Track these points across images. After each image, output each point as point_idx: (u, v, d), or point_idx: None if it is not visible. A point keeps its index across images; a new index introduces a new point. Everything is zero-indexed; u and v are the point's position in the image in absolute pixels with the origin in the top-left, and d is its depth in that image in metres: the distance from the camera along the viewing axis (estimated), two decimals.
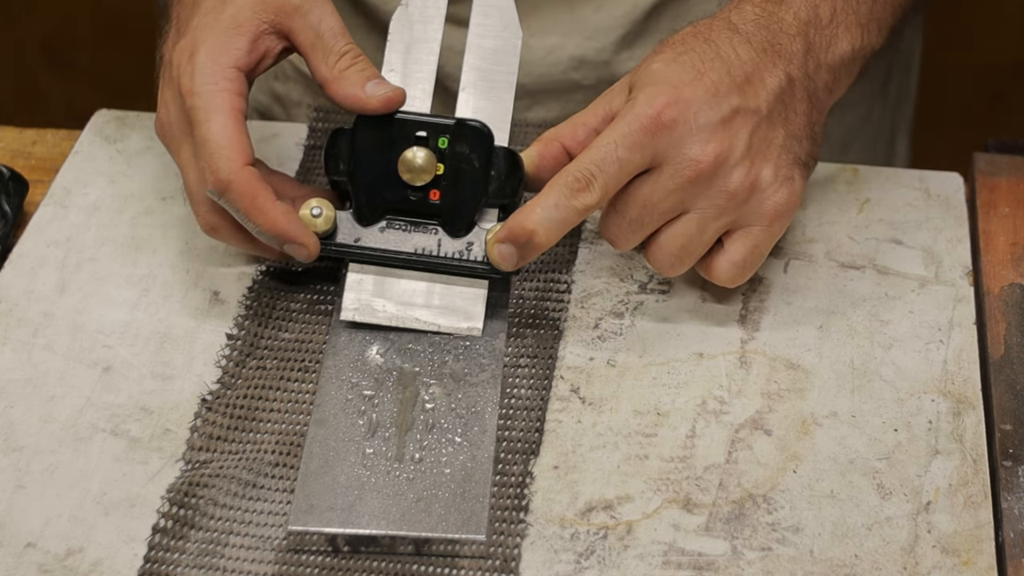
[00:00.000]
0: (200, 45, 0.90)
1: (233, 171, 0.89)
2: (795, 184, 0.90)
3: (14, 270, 0.98)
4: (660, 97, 0.88)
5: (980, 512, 0.85)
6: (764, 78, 0.90)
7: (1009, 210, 1.01)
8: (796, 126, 0.91)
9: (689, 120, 0.88)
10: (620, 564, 0.82)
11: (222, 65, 0.90)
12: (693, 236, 0.90)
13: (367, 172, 0.92)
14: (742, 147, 0.89)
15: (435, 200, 0.92)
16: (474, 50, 0.94)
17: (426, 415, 0.88)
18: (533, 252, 0.90)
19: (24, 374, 0.92)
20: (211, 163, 0.89)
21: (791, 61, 0.91)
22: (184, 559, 0.82)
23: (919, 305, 0.96)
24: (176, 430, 0.89)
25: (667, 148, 0.88)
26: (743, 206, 0.89)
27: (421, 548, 0.83)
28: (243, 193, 0.89)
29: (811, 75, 0.92)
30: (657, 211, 0.89)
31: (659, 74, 0.89)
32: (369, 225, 0.92)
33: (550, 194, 0.88)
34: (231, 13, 0.91)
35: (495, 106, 0.94)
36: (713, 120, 0.88)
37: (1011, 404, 0.90)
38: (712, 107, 0.88)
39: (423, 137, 0.91)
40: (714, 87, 0.88)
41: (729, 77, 0.89)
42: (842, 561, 0.82)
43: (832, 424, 0.89)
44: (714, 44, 0.90)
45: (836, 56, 0.93)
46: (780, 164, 0.90)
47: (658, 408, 0.90)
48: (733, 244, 0.91)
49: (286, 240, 0.91)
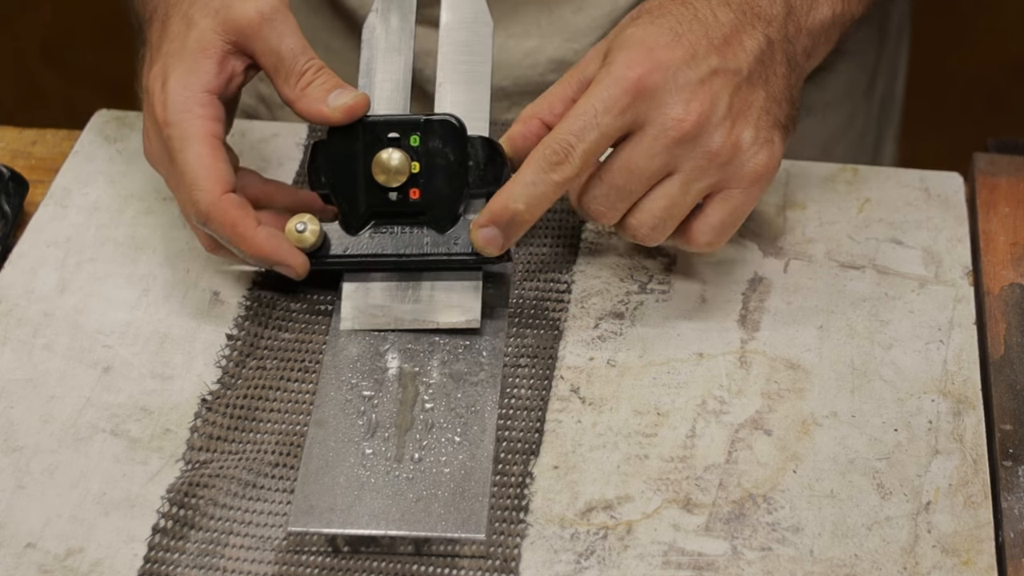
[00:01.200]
0: (171, 72, 0.91)
1: (211, 202, 0.89)
2: (775, 146, 0.90)
3: (14, 270, 0.98)
4: (638, 60, 0.87)
5: (980, 512, 0.85)
6: (743, 39, 0.89)
7: (1009, 210, 1.01)
8: (776, 88, 0.90)
9: (669, 81, 0.87)
10: (620, 564, 0.82)
11: (194, 91, 0.90)
12: (676, 198, 0.89)
13: (346, 181, 0.92)
14: (723, 107, 0.88)
15: (416, 199, 0.92)
16: (447, 44, 0.95)
17: (426, 415, 0.88)
18: (517, 230, 0.89)
19: (24, 374, 0.92)
20: (190, 195, 0.89)
21: (770, 23, 0.91)
22: (184, 559, 0.82)
23: (919, 305, 0.96)
24: (176, 430, 0.89)
25: (648, 111, 0.87)
26: (725, 168, 0.88)
27: (421, 548, 0.83)
28: (223, 223, 0.90)
29: (791, 38, 0.92)
30: (643, 175, 0.88)
31: (635, 38, 0.88)
32: (357, 233, 0.93)
33: (528, 170, 0.88)
34: (195, 36, 0.91)
35: (472, 97, 0.94)
36: (692, 80, 0.87)
37: (1011, 404, 0.90)
38: (691, 67, 0.88)
39: (395, 138, 0.91)
40: (692, 48, 0.88)
41: (707, 39, 0.89)
42: (842, 561, 0.82)
43: (832, 424, 0.89)
44: (691, 6, 0.90)
45: (817, 20, 0.93)
46: (760, 126, 0.89)
47: (658, 408, 0.90)
48: (712, 206, 0.90)
49: (272, 263, 0.91)
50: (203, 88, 0.91)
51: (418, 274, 0.93)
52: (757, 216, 1.01)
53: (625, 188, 0.88)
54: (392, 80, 0.95)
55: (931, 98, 1.99)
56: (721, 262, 0.98)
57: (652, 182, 0.88)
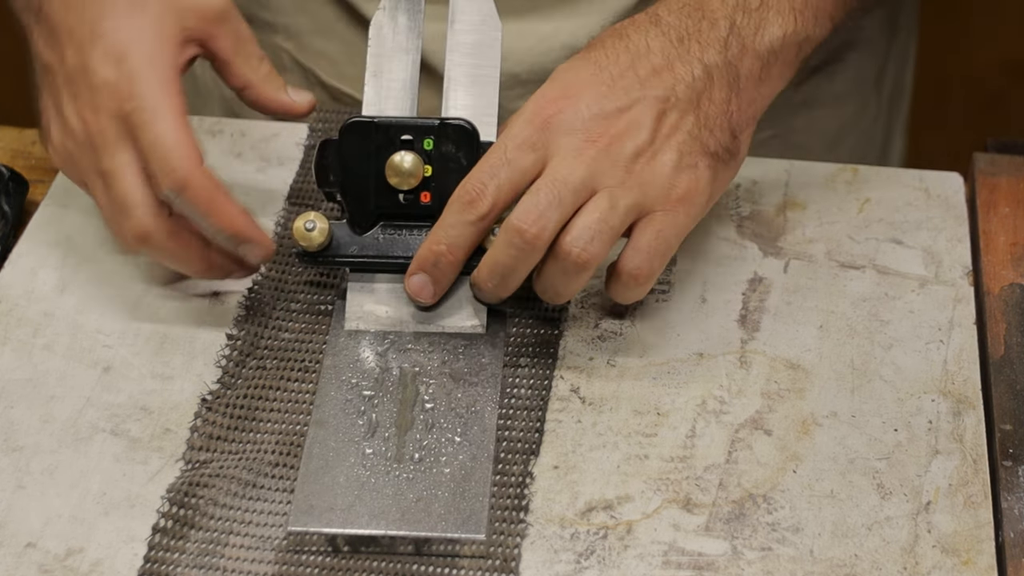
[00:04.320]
0: (130, 50, 0.90)
1: (190, 169, 0.88)
2: (698, 172, 0.89)
3: (14, 270, 0.98)
4: (549, 95, 0.88)
5: (980, 512, 0.85)
6: (675, 68, 0.89)
7: (1009, 210, 1.01)
8: (710, 115, 0.90)
9: (580, 111, 0.88)
10: (620, 564, 0.82)
11: (162, 67, 0.90)
12: (605, 211, 0.87)
13: (357, 180, 0.92)
14: (644, 132, 0.88)
15: (426, 202, 0.92)
16: (455, 47, 0.95)
17: (426, 415, 0.88)
18: (445, 273, 0.90)
19: (24, 374, 0.92)
20: (167, 163, 0.88)
21: (708, 49, 0.90)
22: (184, 559, 0.82)
23: (919, 305, 0.96)
24: (176, 430, 0.89)
25: (556, 138, 0.87)
26: (646, 188, 0.88)
27: (421, 548, 0.83)
28: (201, 189, 0.89)
29: (733, 61, 0.91)
30: (568, 185, 0.87)
31: (557, 75, 0.90)
32: (364, 233, 0.93)
33: (446, 213, 0.89)
34: (155, 16, 0.91)
35: (480, 101, 0.94)
36: (607, 109, 0.88)
37: (1011, 404, 0.90)
38: (606, 98, 0.88)
39: (408, 141, 0.91)
40: (611, 80, 0.89)
41: (632, 70, 0.89)
42: (842, 561, 0.82)
43: (832, 424, 0.89)
44: (626, 38, 0.90)
45: (765, 42, 0.92)
46: (684, 151, 0.89)
47: (658, 408, 0.90)
48: (637, 230, 0.89)
49: (243, 239, 0.91)
50: (171, 65, 0.90)
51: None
52: (757, 216, 1.01)
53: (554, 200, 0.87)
54: (400, 79, 0.95)
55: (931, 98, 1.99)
56: (721, 262, 0.98)
57: (578, 197, 0.87)
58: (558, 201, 0.87)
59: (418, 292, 0.91)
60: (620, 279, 0.89)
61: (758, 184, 1.03)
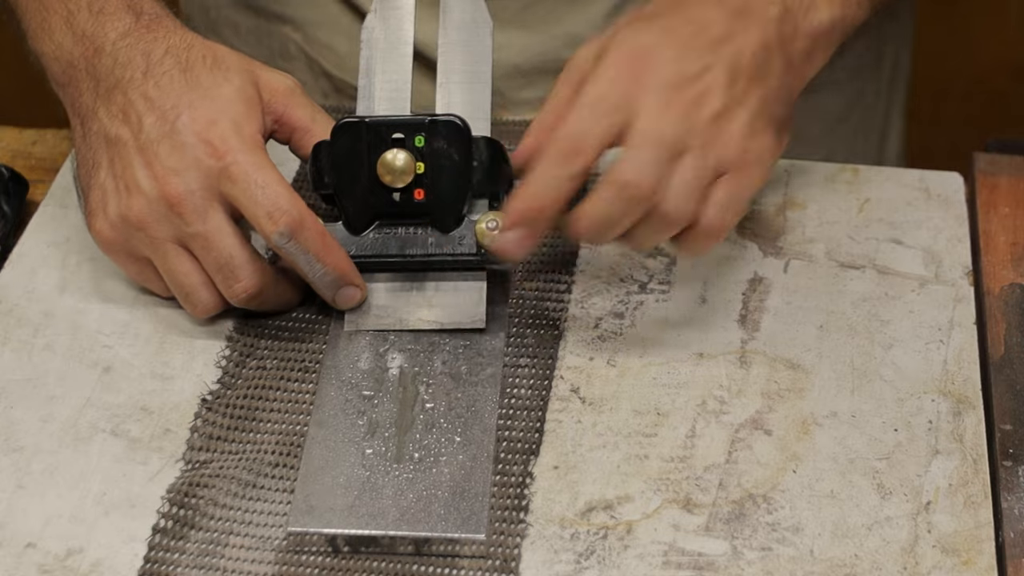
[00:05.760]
0: (220, 115, 0.90)
1: (303, 210, 0.89)
2: (767, 137, 0.90)
3: (14, 270, 0.98)
4: (621, 56, 0.88)
5: (980, 512, 0.85)
6: (736, 40, 0.90)
7: (1009, 210, 1.01)
8: (771, 87, 0.91)
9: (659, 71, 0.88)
10: (620, 564, 0.82)
11: (251, 131, 0.91)
12: (700, 168, 0.88)
13: (350, 181, 0.92)
14: (720, 95, 0.88)
15: (420, 199, 0.92)
16: (446, 45, 0.95)
17: (426, 415, 0.88)
18: (543, 228, 0.89)
19: (24, 374, 0.92)
20: (279, 205, 0.88)
21: (766, 26, 0.91)
22: (184, 559, 0.82)
23: (919, 305, 0.96)
24: (176, 430, 0.89)
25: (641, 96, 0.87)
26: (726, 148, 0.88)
27: (421, 548, 0.83)
28: (315, 231, 0.89)
29: (787, 40, 0.92)
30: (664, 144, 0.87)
31: (627, 37, 0.89)
32: (360, 233, 0.93)
33: (544, 168, 0.88)
34: (238, 87, 0.92)
35: (473, 98, 0.94)
36: (686, 72, 0.88)
37: (1011, 404, 0.90)
38: (682, 61, 0.88)
39: (400, 139, 0.91)
40: (681, 45, 0.89)
41: (698, 39, 0.89)
42: (842, 561, 0.82)
43: (832, 424, 0.89)
44: (684, 10, 0.91)
45: (815, 23, 0.93)
46: (755, 116, 0.89)
47: (658, 408, 0.90)
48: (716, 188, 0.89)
49: (347, 281, 0.92)
50: (258, 130, 0.91)
51: (422, 275, 0.93)
52: (757, 216, 1.01)
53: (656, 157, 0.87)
54: (392, 80, 0.95)
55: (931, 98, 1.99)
56: (721, 262, 0.98)
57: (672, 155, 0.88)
58: (658, 158, 0.87)
59: (517, 248, 0.89)
60: (698, 232, 0.90)
61: None
